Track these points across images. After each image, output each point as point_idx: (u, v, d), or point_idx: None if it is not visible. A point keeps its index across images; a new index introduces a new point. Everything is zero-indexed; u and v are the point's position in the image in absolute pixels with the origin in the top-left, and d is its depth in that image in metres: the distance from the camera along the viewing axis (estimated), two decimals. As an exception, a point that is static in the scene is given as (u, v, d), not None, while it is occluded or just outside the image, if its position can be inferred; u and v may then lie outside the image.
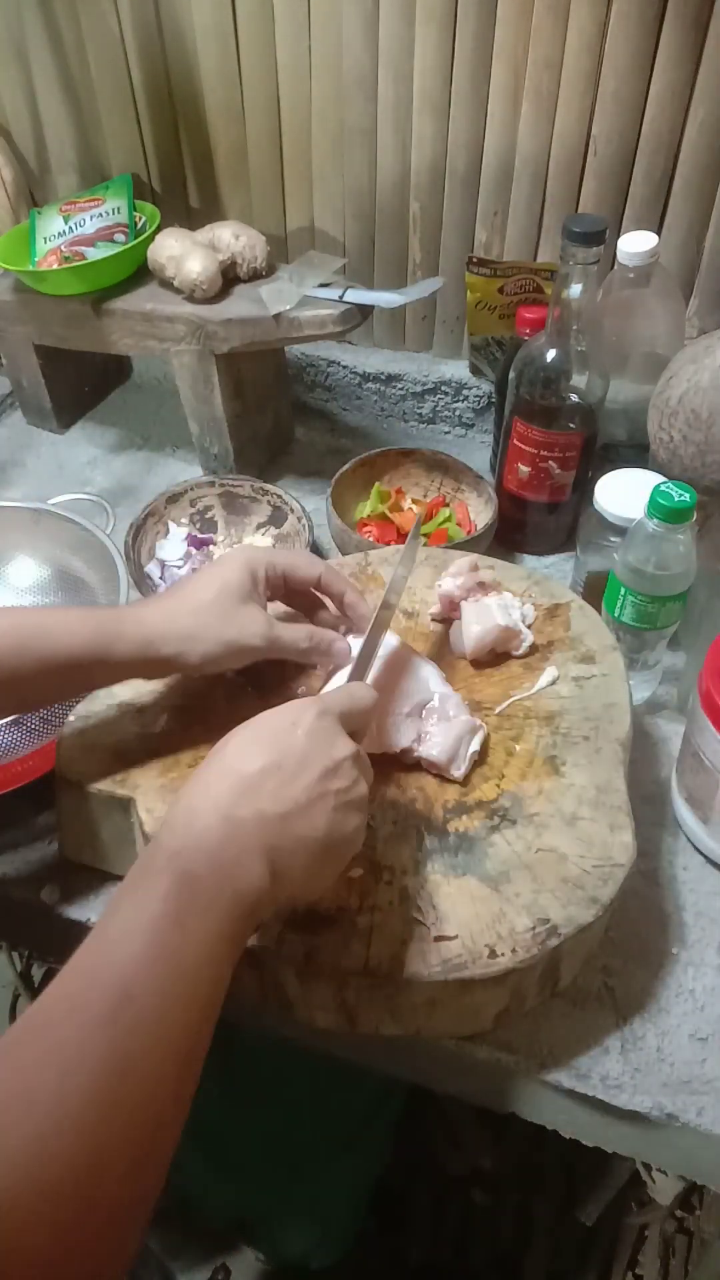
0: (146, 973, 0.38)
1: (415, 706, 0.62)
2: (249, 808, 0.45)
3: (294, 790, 0.46)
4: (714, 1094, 0.57)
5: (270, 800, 0.45)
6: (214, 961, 0.41)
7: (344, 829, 0.48)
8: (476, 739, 0.62)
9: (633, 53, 0.82)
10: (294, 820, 0.46)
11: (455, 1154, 1.20)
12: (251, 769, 0.46)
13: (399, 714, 0.62)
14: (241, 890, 0.43)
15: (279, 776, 0.46)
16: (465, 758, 0.61)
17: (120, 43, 0.98)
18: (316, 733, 0.48)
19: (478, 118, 0.90)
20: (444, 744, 0.60)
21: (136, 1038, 0.37)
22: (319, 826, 0.46)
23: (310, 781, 0.47)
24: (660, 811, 0.72)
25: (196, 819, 0.44)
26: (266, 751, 0.47)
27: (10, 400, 1.17)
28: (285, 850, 0.45)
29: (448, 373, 1.08)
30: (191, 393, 0.98)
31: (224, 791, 0.45)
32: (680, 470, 0.77)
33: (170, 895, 0.41)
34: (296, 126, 0.98)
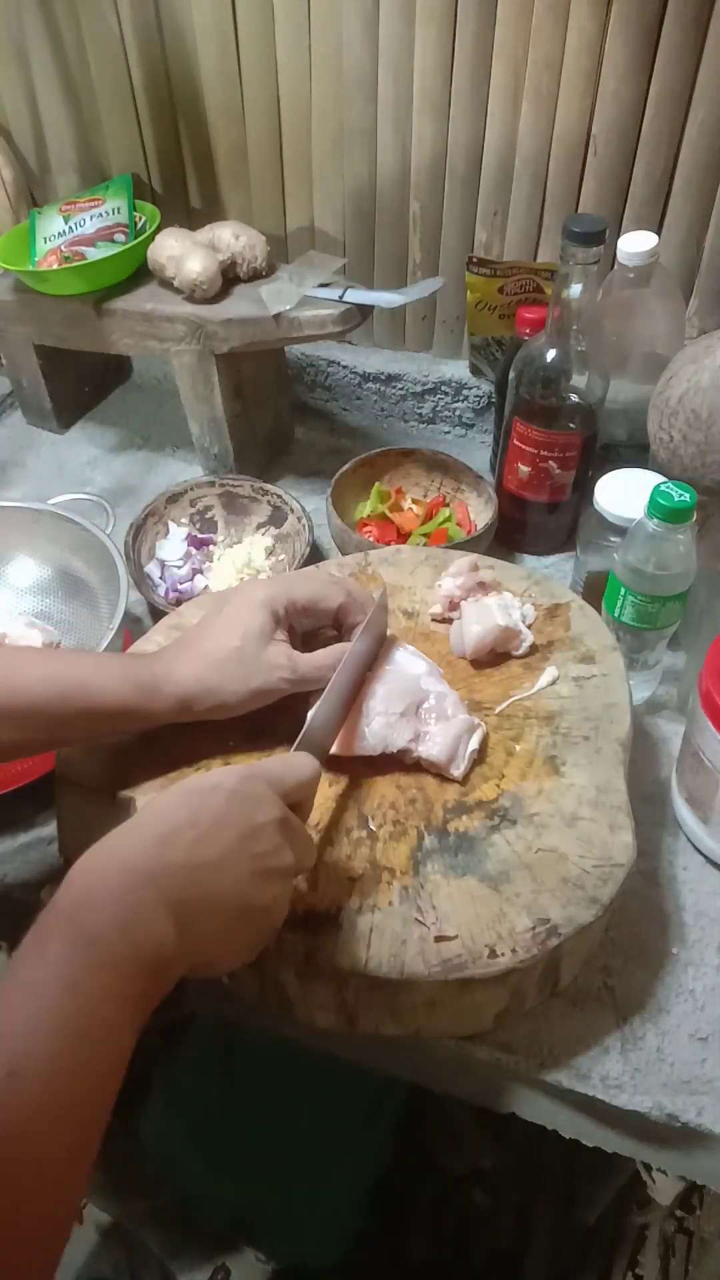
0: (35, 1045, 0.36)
1: (412, 706, 0.62)
2: (156, 861, 0.43)
3: (207, 848, 0.44)
4: (714, 1094, 0.57)
5: (180, 853, 0.43)
6: (113, 1026, 0.38)
7: (261, 896, 0.46)
8: (475, 737, 0.62)
9: (633, 53, 0.82)
10: (205, 877, 0.43)
11: (455, 1154, 1.20)
12: (163, 827, 0.44)
13: (394, 713, 0.61)
14: (143, 946, 0.40)
15: (192, 833, 0.44)
16: (464, 756, 0.61)
17: (120, 43, 0.98)
18: (239, 796, 0.47)
19: (478, 118, 0.90)
20: (443, 743, 0.60)
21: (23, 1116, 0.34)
22: (233, 889, 0.44)
23: (227, 841, 0.45)
24: (660, 811, 0.72)
25: (95, 877, 0.42)
26: (182, 810, 0.45)
27: (10, 400, 1.17)
28: (193, 906, 0.43)
29: (448, 373, 1.08)
30: (191, 393, 0.98)
31: (131, 846, 0.44)
32: (680, 470, 0.77)
33: (62, 958, 0.39)
34: (296, 126, 0.98)
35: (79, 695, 0.56)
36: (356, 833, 0.59)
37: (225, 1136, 1.14)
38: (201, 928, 0.43)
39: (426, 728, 0.62)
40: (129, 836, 0.44)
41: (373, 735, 0.61)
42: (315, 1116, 1.14)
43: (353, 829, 0.59)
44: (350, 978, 0.52)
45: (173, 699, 0.58)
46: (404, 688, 0.63)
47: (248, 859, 0.45)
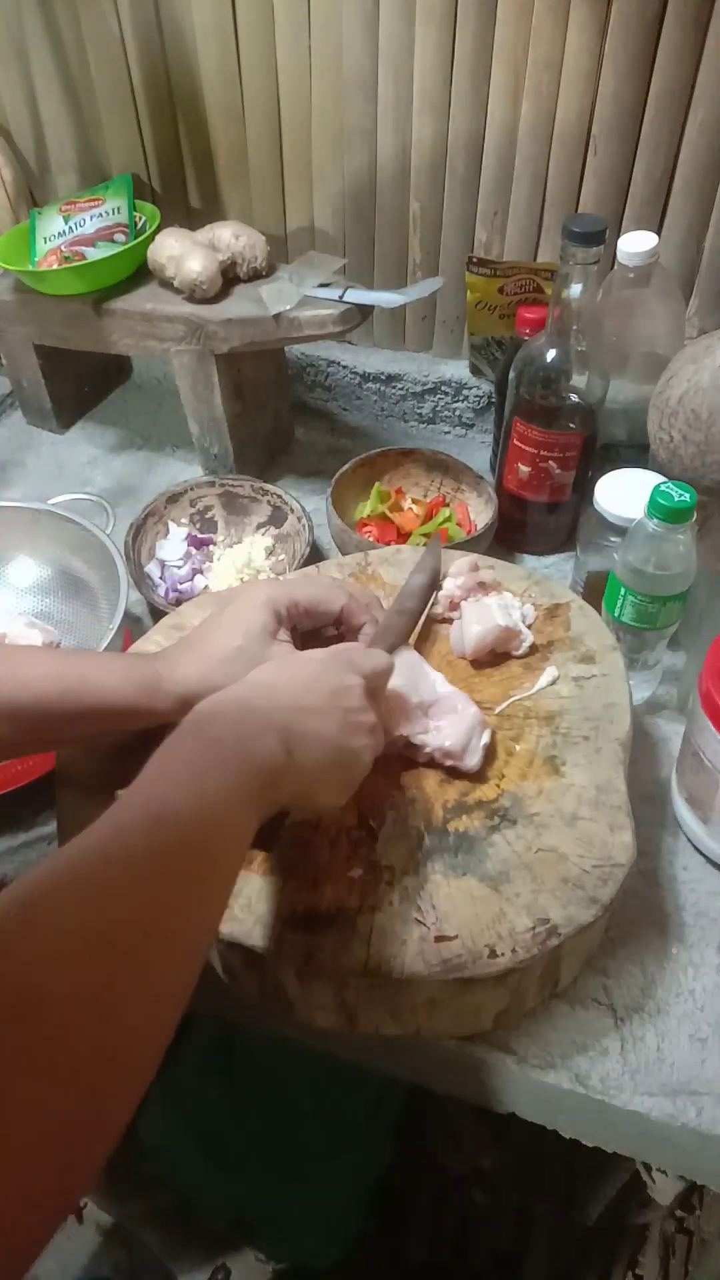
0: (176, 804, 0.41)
1: (422, 704, 0.62)
2: (266, 699, 0.50)
3: (307, 695, 0.51)
4: (714, 1094, 0.57)
5: (286, 696, 0.50)
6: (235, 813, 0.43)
7: (352, 743, 0.51)
8: (486, 733, 0.62)
9: (633, 53, 0.82)
10: (306, 714, 0.50)
11: (455, 1154, 1.20)
12: (271, 678, 0.52)
13: (407, 709, 0.62)
14: (258, 756, 0.45)
15: (293, 686, 0.51)
16: (478, 749, 0.61)
17: (120, 43, 0.98)
18: (330, 663, 0.53)
19: (478, 117, 0.90)
20: (455, 734, 0.60)
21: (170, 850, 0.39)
22: (330, 728, 0.50)
23: (323, 692, 0.51)
24: (660, 811, 0.72)
25: (218, 703, 0.49)
26: (282, 670, 0.53)
27: (10, 400, 1.17)
28: (298, 735, 0.48)
29: (448, 373, 1.08)
30: (191, 393, 0.98)
31: (243, 690, 0.51)
32: (680, 470, 0.77)
33: (193, 751, 0.45)
34: (296, 126, 0.98)
35: (82, 693, 0.56)
36: (356, 833, 0.59)
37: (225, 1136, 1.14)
38: (305, 755, 0.48)
39: (438, 722, 0.62)
40: (241, 685, 0.51)
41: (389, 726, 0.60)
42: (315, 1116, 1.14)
43: (353, 829, 0.59)
44: (350, 978, 0.52)
45: (175, 698, 0.58)
46: (414, 683, 0.63)
47: (340, 711, 0.51)
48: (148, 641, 0.70)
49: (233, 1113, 1.14)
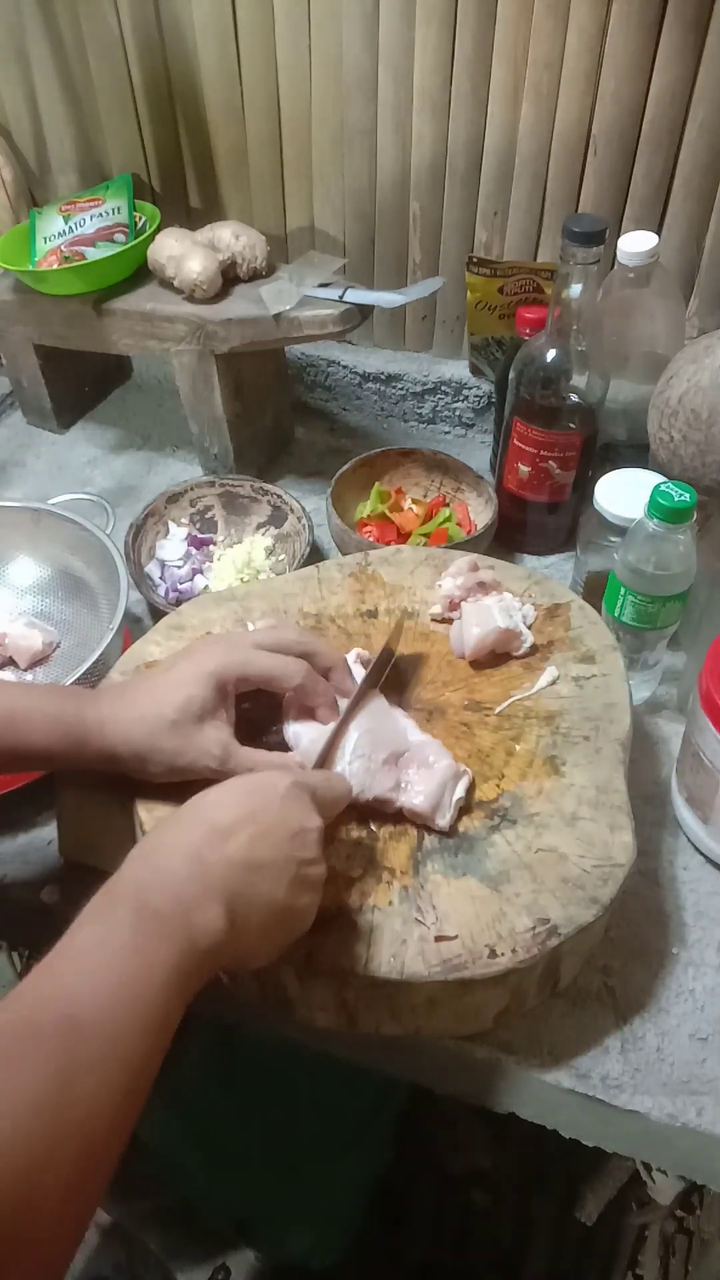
0: (100, 998, 0.38)
1: (392, 755, 0.59)
2: (217, 853, 0.46)
3: (263, 846, 0.47)
4: (714, 1094, 0.57)
5: (239, 849, 0.46)
6: (167, 994, 0.40)
7: (300, 901, 0.48)
8: (461, 785, 0.59)
9: (633, 53, 0.82)
10: (258, 875, 0.46)
11: (455, 1154, 1.20)
12: (225, 819, 0.47)
13: (376, 759, 0.59)
14: (199, 930, 0.43)
15: (251, 830, 0.47)
16: (450, 805, 0.58)
17: (120, 43, 0.98)
18: (292, 799, 0.49)
19: (478, 118, 0.90)
20: (427, 791, 0.58)
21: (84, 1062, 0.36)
22: (280, 888, 0.47)
23: (279, 841, 0.47)
24: (660, 811, 0.72)
25: (163, 857, 0.45)
26: (242, 805, 0.48)
27: (10, 400, 1.17)
28: (245, 902, 0.45)
29: (448, 373, 1.08)
30: (191, 393, 0.98)
31: (194, 836, 0.46)
32: (680, 470, 0.77)
33: (128, 924, 0.41)
34: (296, 126, 0.98)
35: (7, 735, 0.55)
36: (356, 833, 0.59)
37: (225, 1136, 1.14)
38: (248, 922, 0.45)
39: (408, 776, 0.59)
40: (195, 824, 0.47)
41: (352, 777, 0.58)
42: (315, 1116, 1.14)
43: (353, 829, 0.59)
44: (350, 978, 0.52)
45: (99, 752, 0.57)
46: (386, 735, 0.60)
47: (294, 863, 0.48)
48: (147, 642, 0.70)
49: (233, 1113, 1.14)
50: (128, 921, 0.41)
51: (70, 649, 0.87)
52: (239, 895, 0.45)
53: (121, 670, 0.68)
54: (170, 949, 0.41)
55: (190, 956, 0.42)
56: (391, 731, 0.61)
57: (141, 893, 0.43)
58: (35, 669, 0.85)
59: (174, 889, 0.43)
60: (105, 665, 0.72)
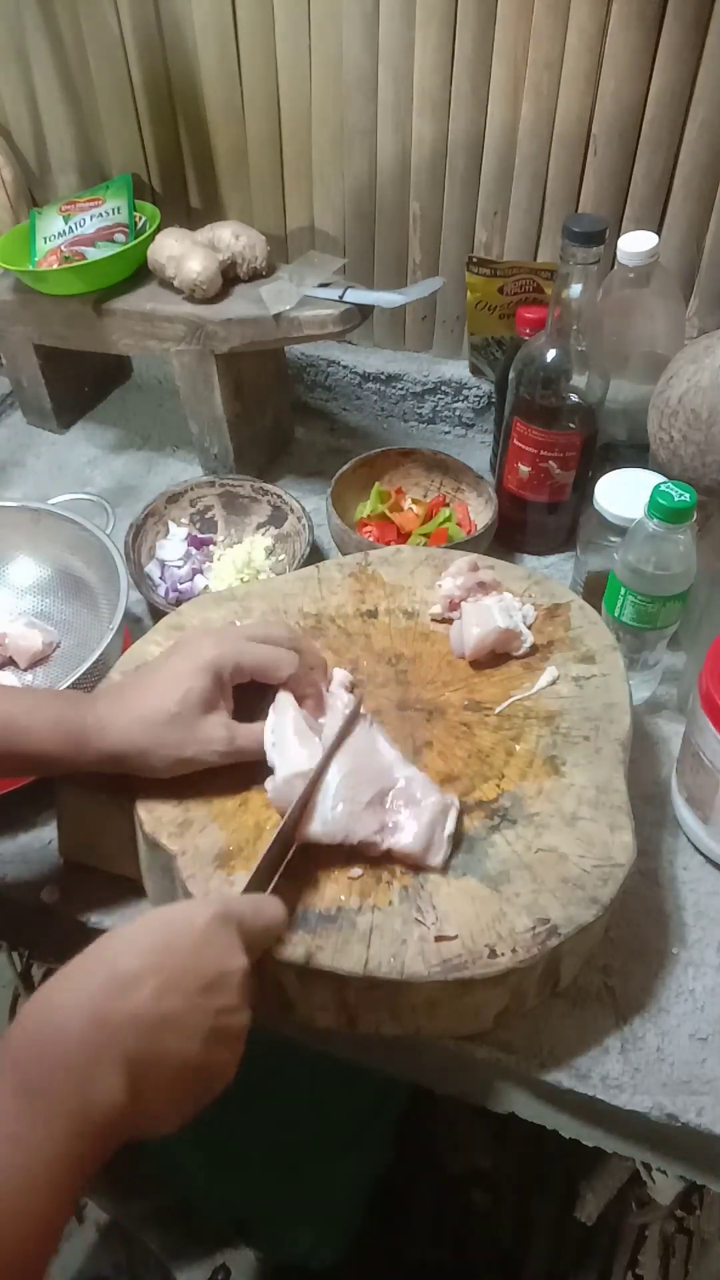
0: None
1: (378, 795, 0.57)
2: (119, 1007, 0.40)
3: (171, 998, 0.41)
4: (714, 1094, 0.57)
5: (146, 1001, 0.41)
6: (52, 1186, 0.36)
7: (216, 1056, 0.43)
8: (451, 818, 0.57)
9: (633, 52, 0.82)
10: (166, 1032, 0.41)
11: (455, 1154, 1.20)
12: (129, 967, 0.42)
13: (359, 801, 0.56)
14: (93, 1105, 0.38)
15: (159, 979, 0.41)
16: (442, 842, 0.56)
17: (120, 43, 0.98)
18: (211, 938, 0.44)
19: (478, 117, 0.90)
20: (416, 831, 0.55)
21: None
22: (193, 1044, 0.42)
23: (194, 987, 0.42)
24: (660, 811, 0.72)
25: (54, 1017, 0.40)
26: (151, 948, 0.43)
27: (10, 400, 1.17)
28: (150, 1065, 0.40)
29: (448, 373, 1.08)
30: (191, 393, 0.98)
31: (93, 988, 0.41)
32: (680, 470, 0.77)
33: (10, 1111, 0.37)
34: (296, 126, 0.98)
35: (6, 740, 0.55)
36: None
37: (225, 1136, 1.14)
38: (155, 1089, 0.41)
39: (395, 817, 0.56)
40: (93, 975, 0.42)
41: (334, 823, 0.55)
42: (315, 1116, 1.14)
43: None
44: (350, 978, 0.52)
45: (101, 754, 0.56)
46: (369, 774, 0.58)
47: (210, 1014, 0.43)
48: (148, 642, 0.70)
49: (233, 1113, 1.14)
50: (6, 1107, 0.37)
51: (70, 649, 0.87)
52: (142, 1059, 0.40)
53: (121, 670, 0.68)
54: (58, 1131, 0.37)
55: (84, 1136, 0.38)
56: (375, 768, 0.58)
57: (22, 1068, 0.38)
58: (35, 669, 0.85)
59: (64, 1059, 0.38)
60: (105, 665, 0.72)
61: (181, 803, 0.60)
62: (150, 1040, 0.40)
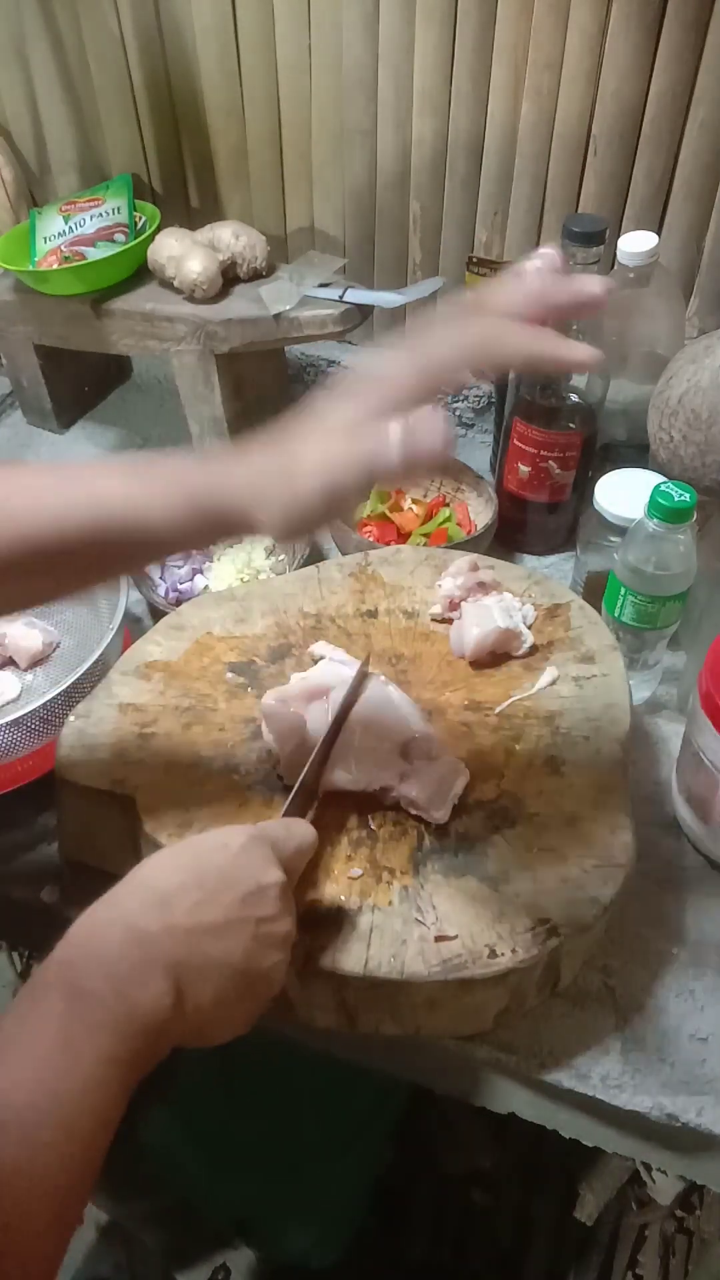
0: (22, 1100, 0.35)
1: (395, 745, 0.60)
2: (157, 920, 0.42)
3: (212, 909, 0.43)
4: (714, 1094, 0.57)
5: (183, 915, 0.42)
6: (102, 1087, 0.37)
7: (262, 962, 0.44)
8: (460, 782, 0.60)
9: (633, 53, 0.82)
10: (207, 939, 0.42)
11: (455, 1154, 1.20)
12: (168, 884, 0.43)
13: (381, 750, 0.59)
14: (140, 1007, 0.39)
15: (197, 894, 0.43)
16: (448, 800, 0.59)
17: (120, 43, 0.98)
18: (246, 854, 0.46)
19: (478, 117, 0.90)
20: (426, 784, 0.58)
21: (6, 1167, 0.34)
22: (235, 951, 0.43)
23: (231, 901, 0.44)
24: (660, 811, 0.72)
25: (97, 930, 0.42)
26: (187, 868, 0.44)
27: (10, 400, 1.17)
28: (194, 969, 0.41)
29: (448, 373, 1.07)
30: (191, 393, 0.98)
31: (132, 904, 0.43)
32: (680, 470, 0.77)
33: (58, 1013, 0.38)
34: (296, 126, 0.98)
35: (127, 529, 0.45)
36: (356, 833, 0.59)
37: (225, 1136, 1.14)
38: (200, 992, 0.42)
39: (410, 767, 0.59)
40: (132, 893, 0.43)
41: (358, 770, 0.59)
42: (315, 1116, 1.14)
43: (353, 829, 0.59)
44: (350, 978, 0.52)
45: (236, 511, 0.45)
46: (390, 725, 0.61)
47: (251, 923, 0.44)
48: (147, 642, 0.70)
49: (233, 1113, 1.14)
50: (55, 1010, 0.38)
51: (70, 649, 0.87)
52: (186, 964, 0.41)
53: (122, 670, 0.68)
54: (104, 1037, 0.38)
55: (132, 1040, 0.38)
56: (392, 720, 0.61)
57: (70, 975, 0.39)
58: (35, 669, 0.85)
59: (107, 965, 0.40)
60: (105, 665, 0.72)
61: (182, 803, 0.60)
62: (192, 948, 0.42)
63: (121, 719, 0.65)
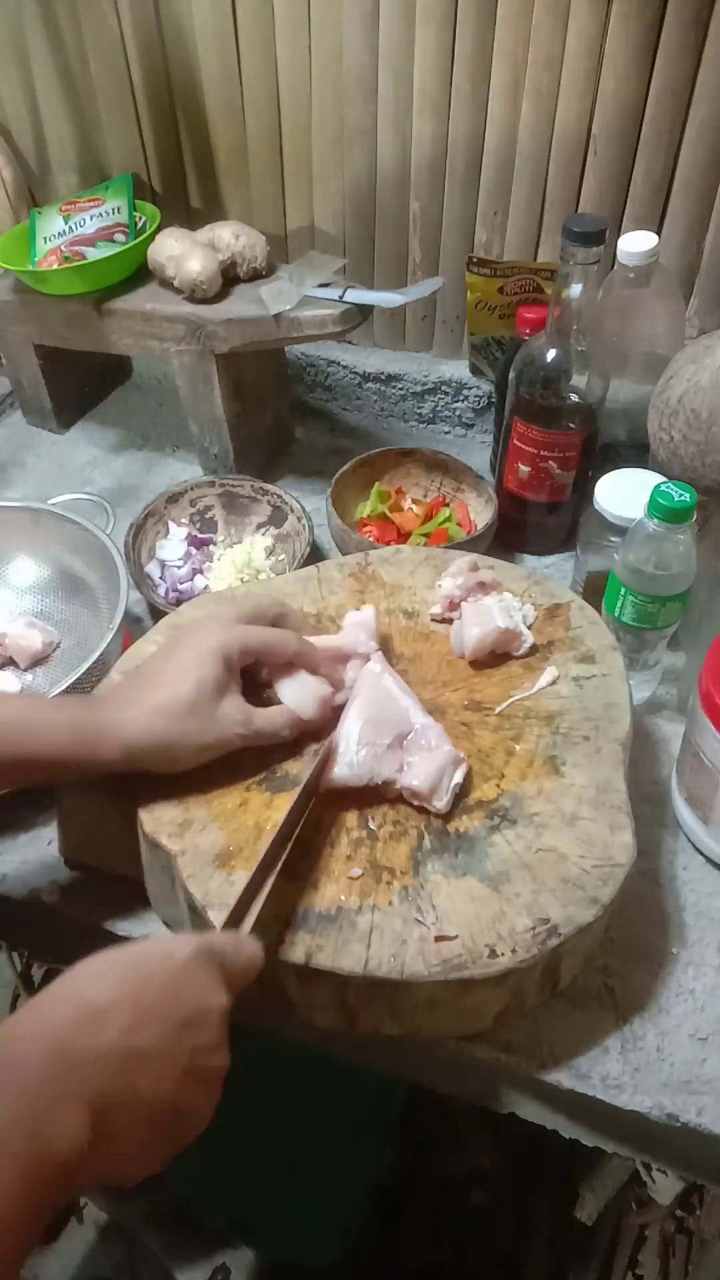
0: None
1: (396, 738, 0.60)
2: (84, 1041, 0.38)
3: (146, 1034, 0.39)
4: (714, 1094, 0.57)
5: (114, 1036, 0.38)
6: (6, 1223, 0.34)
7: (191, 1099, 0.41)
8: (460, 771, 0.60)
9: (633, 53, 0.82)
10: (136, 1068, 0.39)
11: (455, 1154, 1.20)
12: (101, 998, 0.40)
13: (380, 744, 0.59)
14: (50, 1142, 0.35)
15: (131, 1015, 0.39)
16: (448, 789, 0.59)
17: (120, 43, 0.98)
18: (189, 971, 0.42)
19: (478, 117, 0.90)
20: (426, 773, 0.58)
21: None
22: (164, 1085, 0.39)
23: (170, 1025, 0.40)
24: (660, 811, 0.72)
25: (15, 1048, 0.38)
26: (124, 981, 0.41)
27: (10, 400, 1.17)
28: (117, 1103, 0.38)
29: (448, 373, 1.08)
30: (191, 393, 0.98)
31: (57, 1021, 0.39)
32: (680, 470, 0.77)
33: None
34: (296, 126, 0.98)
35: (20, 743, 0.54)
36: (356, 833, 0.59)
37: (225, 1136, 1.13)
38: (121, 1129, 0.38)
39: (410, 758, 0.60)
40: (57, 1008, 0.40)
41: (359, 766, 0.59)
42: (315, 1116, 1.13)
43: (353, 829, 0.59)
44: (350, 978, 0.52)
45: (119, 751, 0.55)
46: (389, 718, 0.61)
47: (185, 1054, 0.41)
48: (148, 642, 0.70)
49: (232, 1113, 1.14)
50: None
51: (70, 649, 0.87)
52: (109, 1096, 0.37)
53: (121, 670, 0.68)
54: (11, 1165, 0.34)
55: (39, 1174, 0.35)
56: (393, 713, 0.62)
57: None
58: (35, 669, 0.85)
59: (21, 1092, 0.36)
60: (105, 665, 0.72)
61: (181, 803, 0.60)
62: (119, 1078, 0.38)
63: (121, 719, 0.65)
